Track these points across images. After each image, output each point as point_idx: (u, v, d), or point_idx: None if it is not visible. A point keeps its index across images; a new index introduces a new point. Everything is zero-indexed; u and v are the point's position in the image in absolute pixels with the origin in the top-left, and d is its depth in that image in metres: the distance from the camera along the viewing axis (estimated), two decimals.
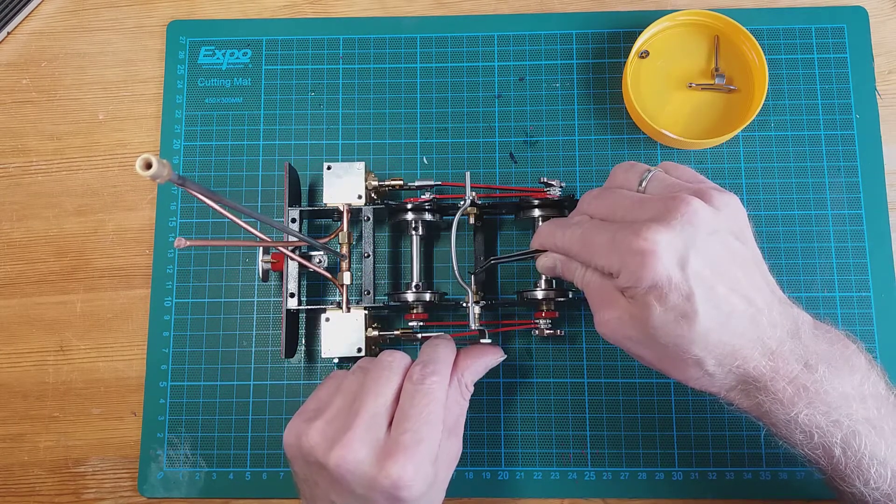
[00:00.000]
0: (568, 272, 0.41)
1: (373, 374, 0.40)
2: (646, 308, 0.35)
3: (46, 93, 0.58)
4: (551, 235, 0.41)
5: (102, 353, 0.54)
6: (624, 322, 0.37)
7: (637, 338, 0.37)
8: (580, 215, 0.41)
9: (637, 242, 0.34)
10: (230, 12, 0.59)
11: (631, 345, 0.38)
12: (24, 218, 0.56)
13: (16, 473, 0.52)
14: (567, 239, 0.40)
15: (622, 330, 0.37)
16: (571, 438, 0.51)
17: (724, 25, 0.54)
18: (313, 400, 0.42)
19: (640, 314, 0.35)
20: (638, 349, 0.37)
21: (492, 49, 0.57)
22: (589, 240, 0.38)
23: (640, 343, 0.37)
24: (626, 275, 0.35)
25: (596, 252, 0.37)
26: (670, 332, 0.35)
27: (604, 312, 0.38)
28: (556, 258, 0.41)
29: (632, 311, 0.36)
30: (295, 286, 0.50)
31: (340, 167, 0.51)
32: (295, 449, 0.39)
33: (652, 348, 0.37)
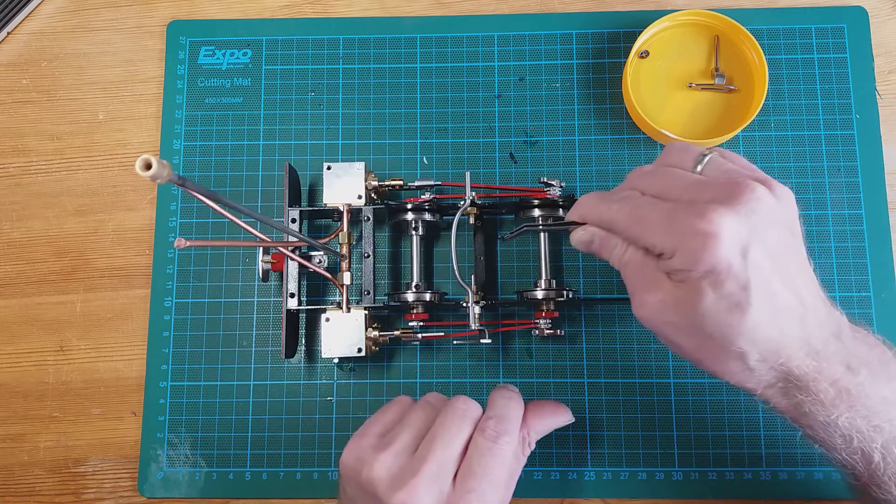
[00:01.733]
0: (605, 249, 0.38)
1: (445, 419, 0.39)
2: (697, 293, 0.33)
3: (46, 93, 0.58)
4: (595, 207, 0.38)
5: (102, 353, 0.54)
6: (667, 306, 0.35)
7: (680, 324, 0.35)
8: (629, 190, 0.38)
9: (700, 223, 0.32)
10: (230, 12, 0.59)
11: (670, 331, 0.36)
12: (25, 218, 0.56)
13: (16, 473, 0.52)
14: (614, 212, 0.37)
15: (664, 314, 0.35)
16: (571, 438, 0.51)
17: (724, 25, 0.54)
18: (377, 424, 0.41)
19: (689, 299, 0.34)
20: (677, 336, 0.35)
21: (492, 49, 0.57)
22: (641, 215, 0.35)
23: (681, 330, 0.35)
24: (683, 256, 0.33)
25: (648, 229, 0.35)
26: (719, 322, 0.33)
27: (645, 295, 0.36)
28: (594, 232, 0.39)
29: (678, 294, 0.34)
30: (295, 286, 0.50)
31: (340, 167, 0.51)
32: (353, 472, 0.38)
33: (694, 336, 0.35)
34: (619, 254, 0.38)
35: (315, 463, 0.51)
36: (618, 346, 0.52)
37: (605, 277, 0.53)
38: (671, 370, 0.51)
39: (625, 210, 0.37)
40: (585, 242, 0.40)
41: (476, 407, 0.41)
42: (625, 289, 0.52)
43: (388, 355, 0.53)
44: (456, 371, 0.52)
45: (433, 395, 0.43)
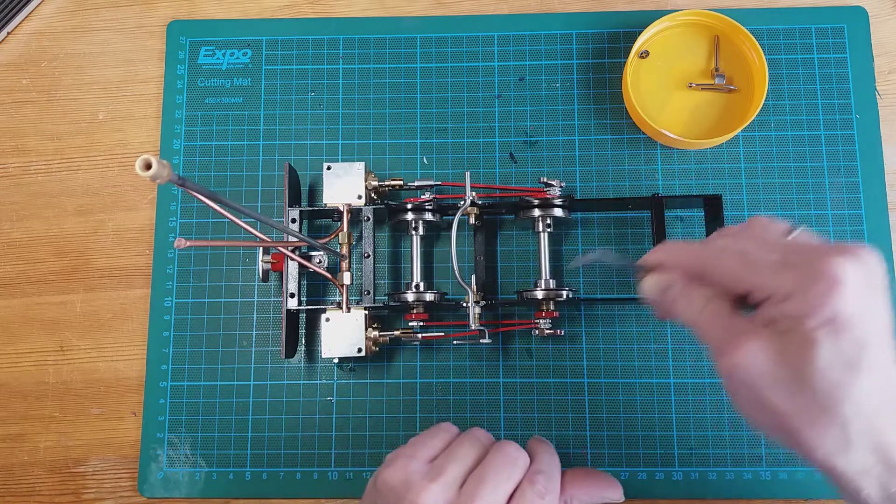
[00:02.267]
0: (685, 300, 0.36)
1: (496, 462, 0.39)
2: (809, 344, 0.31)
3: (46, 93, 0.58)
4: (685, 250, 0.36)
5: (102, 353, 0.54)
6: (768, 358, 0.32)
7: (781, 379, 0.31)
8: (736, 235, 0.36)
9: (825, 265, 0.31)
10: (230, 12, 0.59)
11: (766, 387, 0.32)
12: (24, 218, 0.56)
13: (16, 473, 0.52)
14: (715, 254, 0.35)
15: (764, 365, 0.32)
16: (571, 438, 0.51)
17: (724, 25, 0.54)
18: (424, 448, 0.40)
19: (798, 351, 0.31)
20: (774, 394, 0.32)
21: (492, 49, 0.57)
22: (752, 256, 0.33)
23: (780, 386, 0.32)
24: (803, 300, 0.31)
25: (760, 270, 0.33)
26: (831, 378, 0.30)
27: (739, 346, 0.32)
28: (672, 280, 0.36)
29: (783, 345, 0.31)
30: (295, 286, 0.50)
31: (340, 167, 0.51)
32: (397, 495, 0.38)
33: (795, 395, 0.31)
34: (700, 306, 0.35)
35: (315, 463, 0.51)
36: (618, 346, 0.52)
37: (605, 277, 0.53)
38: (671, 370, 0.51)
39: (729, 252, 0.34)
40: (660, 290, 0.37)
41: (526, 456, 0.40)
42: (625, 289, 0.53)
43: (388, 355, 0.53)
44: (456, 371, 0.52)
45: (480, 431, 0.42)
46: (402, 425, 0.51)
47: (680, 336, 0.52)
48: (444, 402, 0.52)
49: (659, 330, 0.52)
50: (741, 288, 0.34)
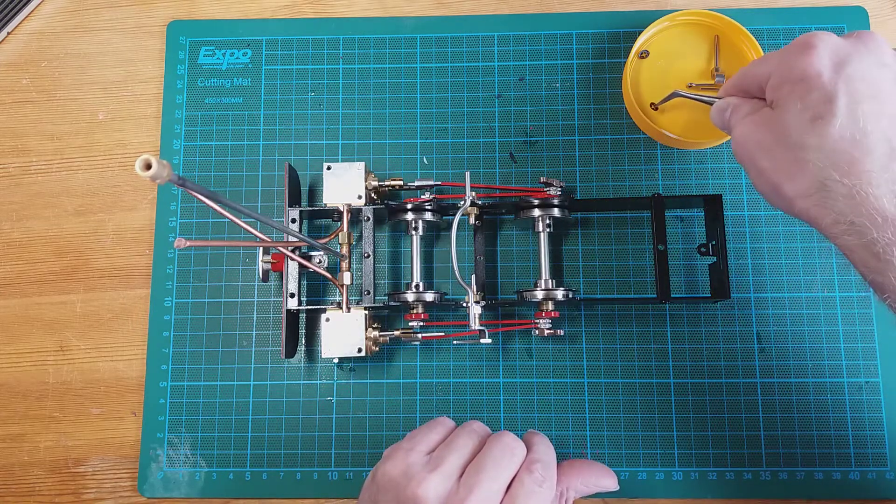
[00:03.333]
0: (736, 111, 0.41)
1: (494, 452, 0.40)
2: (786, 105, 0.36)
3: (46, 93, 0.58)
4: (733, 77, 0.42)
5: (102, 353, 0.54)
6: (758, 125, 0.38)
7: (765, 141, 0.37)
8: None
9: (804, 38, 0.36)
10: (230, 12, 0.59)
11: (757, 152, 0.38)
12: (24, 218, 0.56)
13: (16, 473, 0.52)
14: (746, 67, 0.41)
15: (756, 133, 0.38)
16: (571, 438, 0.51)
17: (724, 25, 0.54)
18: (422, 441, 0.41)
19: (777, 114, 0.37)
20: (761, 156, 0.38)
21: (492, 49, 0.57)
22: (765, 56, 0.40)
23: (765, 149, 0.37)
24: (781, 69, 0.37)
25: (767, 61, 0.39)
26: (801, 131, 0.35)
27: (745, 120, 0.39)
28: (730, 101, 0.42)
29: (771, 114, 0.37)
30: (295, 286, 0.50)
31: (340, 167, 0.51)
32: (397, 486, 0.38)
33: (776, 154, 0.37)
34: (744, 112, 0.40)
35: (315, 463, 0.51)
36: (618, 346, 0.52)
37: (605, 277, 0.53)
38: (671, 370, 0.51)
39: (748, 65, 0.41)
40: (721, 110, 0.43)
41: (523, 446, 0.41)
42: (624, 289, 0.53)
43: (388, 355, 0.53)
44: (456, 371, 0.52)
45: (477, 423, 0.43)
46: (402, 425, 0.51)
47: (680, 336, 0.52)
48: (444, 402, 0.52)
49: (659, 330, 0.52)
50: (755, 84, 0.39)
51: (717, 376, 0.51)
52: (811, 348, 0.51)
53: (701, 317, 0.52)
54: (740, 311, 0.52)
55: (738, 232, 0.53)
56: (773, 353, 0.51)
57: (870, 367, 0.51)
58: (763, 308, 0.52)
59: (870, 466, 0.49)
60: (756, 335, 0.52)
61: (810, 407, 0.50)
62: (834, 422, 0.50)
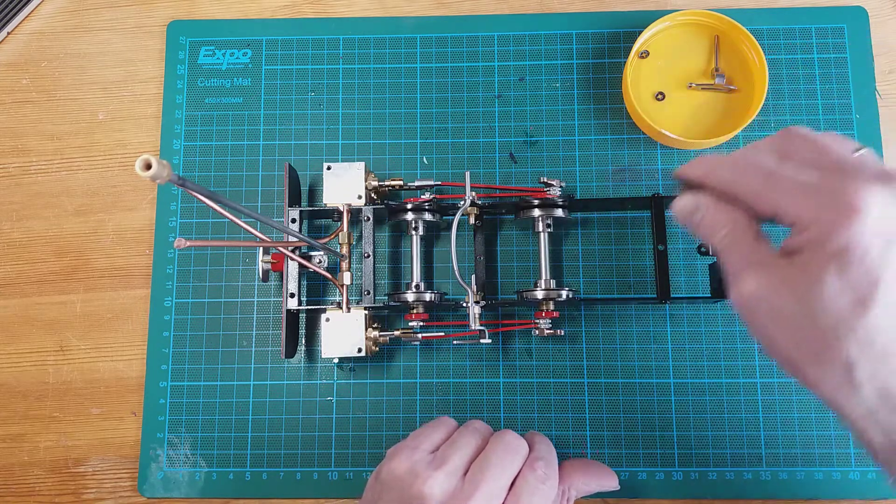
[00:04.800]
0: (711, 223, 0.33)
1: (497, 450, 0.40)
2: (819, 274, 0.29)
3: (46, 93, 0.58)
4: (719, 165, 0.33)
5: (102, 353, 0.54)
6: (775, 289, 0.30)
7: (786, 311, 0.30)
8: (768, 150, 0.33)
9: (849, 193, 0.28)
10: (230, 12, 0.59)
11: (771, 320, 0.31)
12: (24, 218, 0.56)
13: (16, 473, 0.52)
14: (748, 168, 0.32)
15: (771, 298, 0.30)
16: (571, 438, 0.51)
17: (724, 25, 0.54)
18: (426, 439, 0.41)
19: (804, 281, 0.29)
20: (777, 327, 0.31)
21: (492, 49, 0.57)
22: (783, 175, 0.31)
23: (784, 319, 0.30)
24: (819, 227, 0.29)
25: (787, 192, 0.30)
26: (835, 313, 0.29)
27: (750, 274, 0.31)
28: (702, 202, 0.34)
29: (792, 275, 0.30)
30: (295, 286, 0.50)
31: (340, 167, 0.51)
32: (402, 483, 0.38)
33: (797, 329, 0.30)
34: (726, 231, 0.33)
35: (315, 463, 0.51)
36: (618, 346, 0.52)
37: (605, 277, 0.53)
38: (671, 370, 0.51)
39: (762, 169, 0.32)
40: (689, 212, 0.35)
41: (525, 444, 0.41)
42: (624, 289, 0.53)
43: (388, 355, 0.53)
44: (456, 371, 0.52)
45: (479, 422, 0.43)
46: (402, 425, 0.51)
47: (680, 336, 0.52)
48: (444, 402, 0.52)
49: (659, 330, 0.52)
50: (765, 210, 0.32)
51: (717, 376, 0.51)
52: None
53: (701, 317, 0.52)
54: None
55: None
56: None
57: None
58: None
59: (870, 466, 0.49)
60: None
61: (810, 407, 0.50)
62: (834, 421, 0.50)
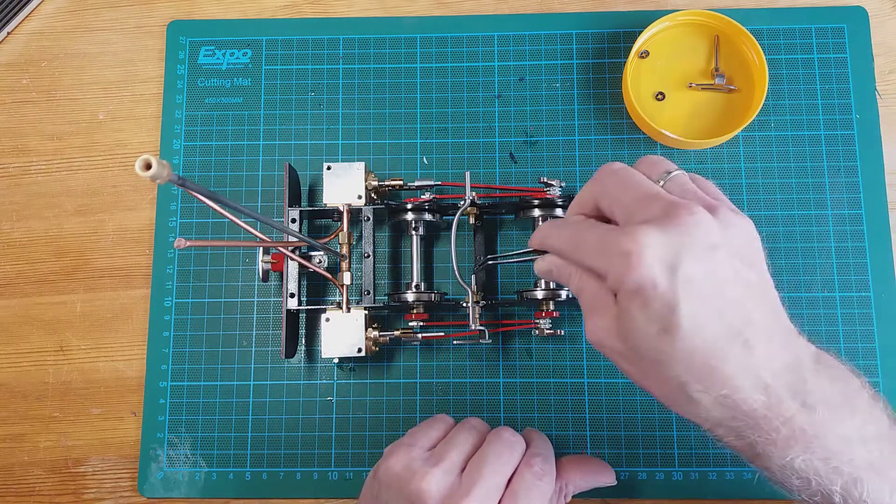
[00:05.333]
0: (564, 276, 0.38)
1: (494, 447, 0.40)
2: (628, 315, 0.32)
3: (46, 93, 0.58)
4: (547, 236, 0.38)
5: (102, 353, 0.54)
6: (611, 332, 0.34)
7: (621, 350, 0.34)
8: (577, 213, 0.38)
9: (625, 241, 0.32)
10: (230, 12, 0.59)
11: (617, 358, 0.35)
12: (24, 218, 0.56)
13: (16, 473, 0.52)
14: (561, 239, 0.37)
15: (609, 340, 0.34)
16: (571, 438, 0.51)
17: (724, 25, 0.54)
18: (423, 437, 0.41)
19: (624, 323, 0.33)
20: (624, 363, 0.35)
21: (492, 49, 0.57)
22: (580, 239, 0.35)
23: (624, 357, 0.34)
24: (612, 276, 0.33)
25: (586, 252, 0.35)
26: (651, 346, 0.32)
27: (592, 319, 0.35)
28: (552, 261, 0.38)
29: (618, 323, 0.33)
30: (295, 286, 0.50)
31: (340, 167, 0.51)
32: (400, 481, 0.38)
33: (635, 363, 0.34)
34: (576, 280, 0.36)
35: (315, 463, 0.51)
36: None
37: None
38: None
39: (566, 235, 0.37)
40: (546, 272, 0.39)
41: (522, 441, 0.41)
42: None
43: (388, 355, 0.53)
44: (456, 371, 0.52)
45: (476, 420, 0.43)
46: (402, 425, 0.51)
47: None
48: (444, 402, 0.52)
49: None
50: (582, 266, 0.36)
51: None
52: None
53: None
54: None
55: None
56: None
57: (870, 366, 0.51)
58: None
59: None
60: None
61: None
62: None
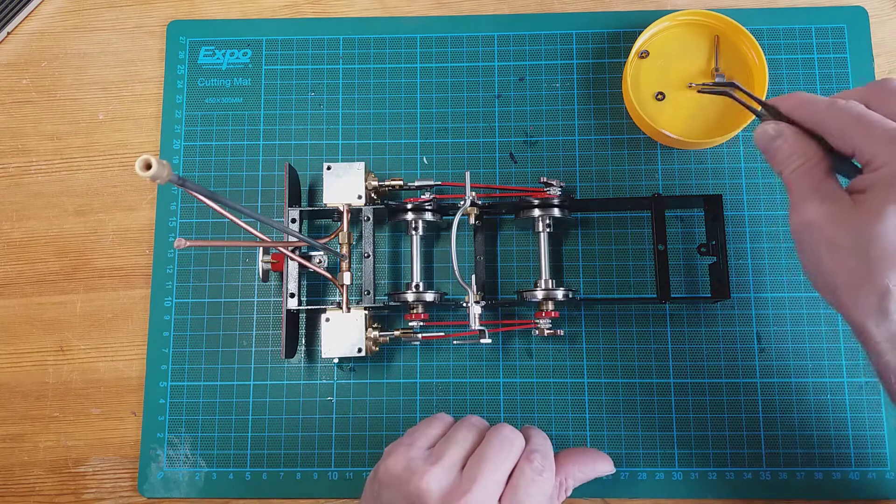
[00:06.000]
0: (790, 149, 0.36)
1: (494, 443, 0.40)
2: (878, 207, 0.32)
3: (46, 93, 0.58)
4: (812, 102, 0.36)
5: (102, 353, 0.54)
6: (834, 219, 0.34)
7: (838, 240, 0.33)
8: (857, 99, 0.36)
9: None
10: (230, 12, 0.59)
11: (822, 246, 0.34)
12: (24, 218, 0.56)
13: (16, 473, 0.52)
14: (841, 108, 0.35)
15: (827, 228, 0.34)
16: (571, 438, 0.51)
17: (723, 25, 0.54)
18: (422, 436, 0.41)
19: (865, 214, 0.33)
20: (826, 253, 0.34)
21: (492, 49, 0.57)
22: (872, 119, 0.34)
23: (835, 247, 0.34)
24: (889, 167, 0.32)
25: (872, 133, 0.33)
26: (886, 246, 0.32)
27: (815, 204, 0.34)
28: (785, 131, 0.36)
29: (853, 209, 0.33)
30: (295, 286, 0.50)
31: (340, 167, 0.51)
32: (400, 481, 0.38)
33: (847, 257, 0.33)
34: (801, 161, 0.35)
35: (315, 463, 0.51)
36: (618, 346, 0.52)
37: (605, 277, 0.53)
38: (671, 370, 0.51)
39: (853, 111, 0.35)
40: (770, 138, 0.37)
41: (521, 437, 0.41)
42: (624, 289, 0.53)
43: (388, 355, 0.53)
44: (456, 371, 0.52)
45: (475, 417, 0.43)
46: (402, 425, 0.51)
47: (680, 336, 0.52)
48: (444, 402, 0.52)
49: (659, 330, 0.52)
50: (846, 148, 0.34)
51: (717, 376, 0.51)
52: (811, 348, 0.51)
53: (701, 317, 0.52)
54: (740, 311, 0.52)
55: (738, 232, 0.53)
56: (773, 353, 0.51)
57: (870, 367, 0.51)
58: (763, 308, 0.52)
59: (870, 466, 0.49)
60: (756, 335, 0.52)
61: (810, 407, 0.50)
62: (834, 422, 0.50)
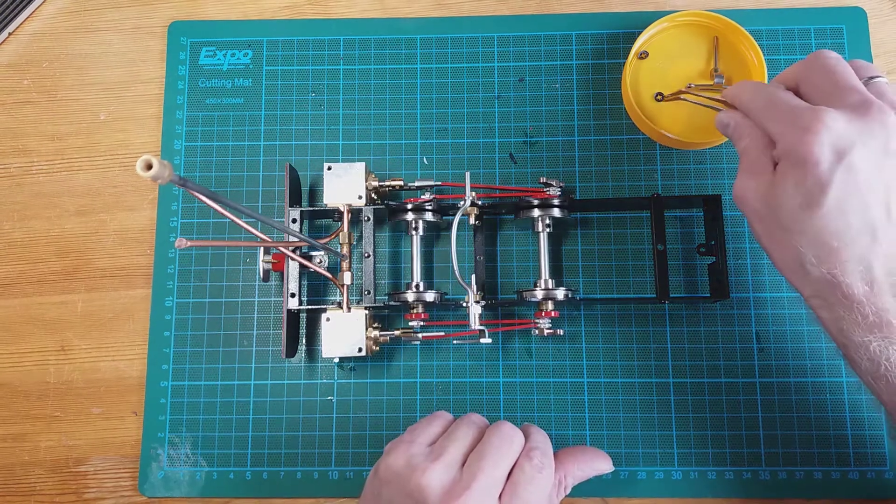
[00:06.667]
0: (738, 132, 0.41)
1: (494, 440, 0.40)
2: (781, 181, 0.36)
3: (48, 93, 0.58)
4: (743, 90, 0.42)
5: (103, 353, 0.54)
6: (758, 193, 0.38)
7: (760, 211, 0.38)
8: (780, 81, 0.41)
9: (809, 117, 0.36)
10: (231, 13, 0.59)
11: (753, 217, 0.39)
12: (26, 218, 0.56)
13: (16, 473, 0.52)
14: (755, 98, 0.40)
15: (753, 200, 0.39)
16: (571, 438, 0.51)
17: (723, 26, 0.54)
18: (423, 433, 0.42)
19: (774, 189, 0.37)
20: (756, 223, 0.39)
21: (492, 50, 0.57)
22: (772, 102, 0.39)
23: (760, 217, 0.39)
24: (784, 142, 0.36)
25: (772, 115, 0.38)
26: (789, 215, 0.36)
27: (747, 179, 0.39)
28: (733, 117, 0.42)
29: (769, 186, 0.37)
30: (295, 286, 0.50)
31: (341, 167, 0.51)
32: (401, 478, 0.39)
33: (767, 226, 0.38)
34: (746, 140, 0.40)
35: (315, 462, 0.51)
36: (617, 345, 0.52)
37: (605, 277, 0.53)
38: (671, 370, 0.52)
39: (762, 96, 0.40)
40: (724, 125, 0.42)
41: (521, 434, 0.42)
42: (624, 289, 0.53)
43: (388, 355, 0.53)
44: (456, 371, 0.52)
45: (475, 415, 0.44)
46: (402, 425, 0.51)
47: (680, 336, 0.52)
48: (444, 402, 0.52)
49: (658, 330, 0.52)
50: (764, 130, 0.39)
51: (717, 376, 0.51)
52: (810, 348, 0.51)
53: (700, 317, 0.52)
54: (739, 311, 0.52)
55: (738, 232, 0.53)
56: (773, 353, 0.51)
57: None
58: (762, 308, 0.52)
59: (869, 466, 0.49)
60: (755, 335, 0.52)
61: (809, 407, 0.51)
62: (833, 421, 0.50)
